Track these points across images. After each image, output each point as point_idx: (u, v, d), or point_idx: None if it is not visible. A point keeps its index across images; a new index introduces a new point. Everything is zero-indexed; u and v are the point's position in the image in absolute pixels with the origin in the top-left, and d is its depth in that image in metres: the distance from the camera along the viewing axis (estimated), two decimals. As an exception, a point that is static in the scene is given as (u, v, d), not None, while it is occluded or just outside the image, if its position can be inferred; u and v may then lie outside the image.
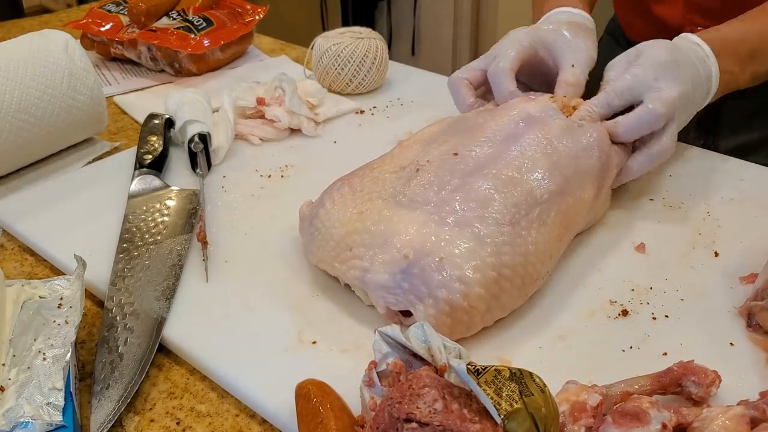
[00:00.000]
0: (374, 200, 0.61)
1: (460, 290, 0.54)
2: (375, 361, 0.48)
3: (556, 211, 0.61)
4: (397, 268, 0.56)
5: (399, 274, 0.56)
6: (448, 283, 0.54)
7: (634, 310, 0.60)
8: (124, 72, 1.14)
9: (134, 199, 0.74)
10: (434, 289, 0.54)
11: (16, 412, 0.48)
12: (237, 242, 0.70)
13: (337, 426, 0.45)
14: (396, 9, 2.97)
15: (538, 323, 0.59)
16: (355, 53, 0.99)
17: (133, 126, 0.97)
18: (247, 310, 0.61)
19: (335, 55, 0.99)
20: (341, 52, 0.99)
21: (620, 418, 0.45)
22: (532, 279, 0.58)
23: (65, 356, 0.52)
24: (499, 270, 0.56)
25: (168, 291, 0.62)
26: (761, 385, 0.52)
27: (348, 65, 0.99)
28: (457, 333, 0.55)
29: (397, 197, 0.61)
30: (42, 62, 0.80)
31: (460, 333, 0.56)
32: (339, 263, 0.60)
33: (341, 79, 1.00)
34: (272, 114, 0.90)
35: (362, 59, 0.99)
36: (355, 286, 0.60)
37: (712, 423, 0.45)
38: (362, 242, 0.59)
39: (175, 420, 0.53)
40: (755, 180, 0.77)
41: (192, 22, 1.11)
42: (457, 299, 0.54)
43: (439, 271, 0.55)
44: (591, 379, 0.50)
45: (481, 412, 0.43)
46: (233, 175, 0.81)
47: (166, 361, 0.58)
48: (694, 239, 0.69)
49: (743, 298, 0.60)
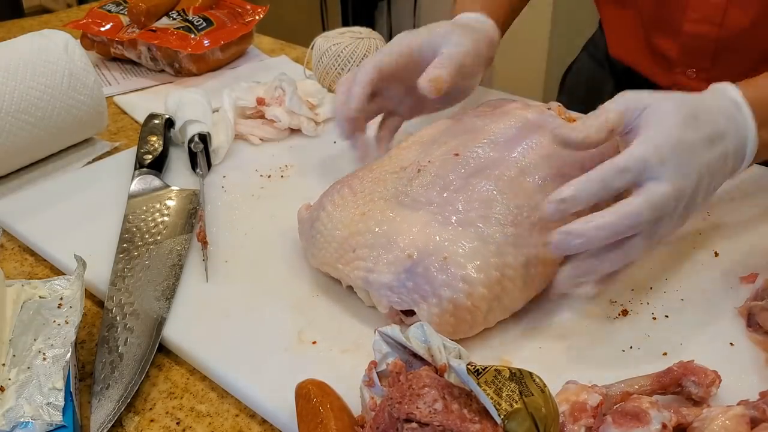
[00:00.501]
0: (376, 201, 0.61)
1: (464, 290, 0.54)
2: (375, 361, 0.48)
3: None
4: (401, 267, 0.56)
5: (403, 274, 0.56)
6: (451, 283, 0.54)
7: (634, 310, 0.60)
8: (124, 72, 1.14)
9: (134, 199, 0.74)
10: (438, 288, 0.54)
11: (16, 412, 0.48)
12: (237, 242, 0.70)
13: (337, 426, 0.45)
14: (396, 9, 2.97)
15: (538, 323, 0.59)
16: (355, 53, 0.98)
17: (133, 126, 0.97)
18: (247, 310, 0.61)
19: (335, 55, 0.99)
20: (341, 52, 0.99)
21: (620, 418, 0.45)
22: (533, 281, 0.58)
23: (65, 356, 0.52)
24: (502, 270, 0.56)
25: (168, 291, 0.62)
26: (761, 385, 0.52)
27: (348, 65, 0.99)
28: (459, 332, 0.55)
29: (399, 197, 0.61)
30: (42, 62, 0.80)
31: (463, 333, 0.56)
32: (342, 265, 0.60)
33: None
34: (272, 114, 0.90)
35: (362, 59, 0.99)
36: (357, 287, 0.60)
37: (712, 423, 0.45)
38: (365, 243, 0.59)
39: (175, 420, 0.53)
40: (755, 180, 0.77)
41: (192, 22, 1.11)
42: (460, 298, 0.54)
43: (443, 271, 0.55)
44: (591, 379, 0.50)
45: (481, 412, 0.43)
46: (233, 175, 0.81)
47: (166, 361, 0.58)
48: (694, 239, 0.69)
49: (743, 298, 0.60)
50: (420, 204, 0.60)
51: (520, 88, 1.20)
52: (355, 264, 0.59)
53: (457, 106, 0.82)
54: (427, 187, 0.61)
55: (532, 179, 0.62)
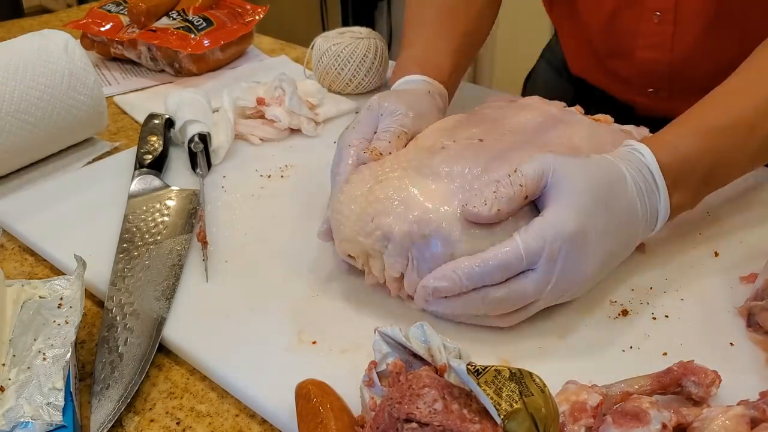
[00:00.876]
0: (395, 170, 0.59)
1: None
2: (375, 361, 0.48)
3: None
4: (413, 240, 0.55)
5: (414, 248, 0.56)
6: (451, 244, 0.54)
7: (634, 310, 0.60)
8: (124, 72, 1.14)
9: (134, 199, 0.74)
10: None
11: (16, 412, 0.48)
12: (237, 242, 0.70)
13: (337, 426, 0.45)
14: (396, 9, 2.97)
15: (538, 323, 0.59)
16: (354, 53, 0.98)
17: (133, 126, 0.97)
18: (247, 310, 0.61)
19: (335, 56, 0.99)
20: (341, 53, 0.99)
21: (620, 418, 0.45)
22: None
23: (65, 356, 0.52)
24: None
25: (168, 291, 0.62)
26: (761, 385, 0.52)
27: (348, 65, 0.99)
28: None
29: (420, 169, 0.59)
30: (42, 62, 0.80)
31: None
32: (363, 237, 0.58)
33: (341, 80, 1.00)
34: (272, 114, 0.90)
35: (362, 59, 0.99)
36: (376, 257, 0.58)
37: (712, 423, 0.45)
38: (384, 210, 0.57)
39: (175, 420, 0.53)
40: (755, 180, 0.77)
41: (192, 22, 1.11)
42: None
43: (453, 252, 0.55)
44: (591, 379, 0.50)
45: (481, 413, 0.43)
46: (233, 175, 0.81)
47: (166, 361, 0.58)
48: (694, 239, 0.69)
49: (743, 298, 0.60)
50: (440, 177, 0.58)
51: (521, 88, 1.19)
52: (376, 235, 0.57)
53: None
54: (450, 163, 0.59)
55: None
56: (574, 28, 0.96)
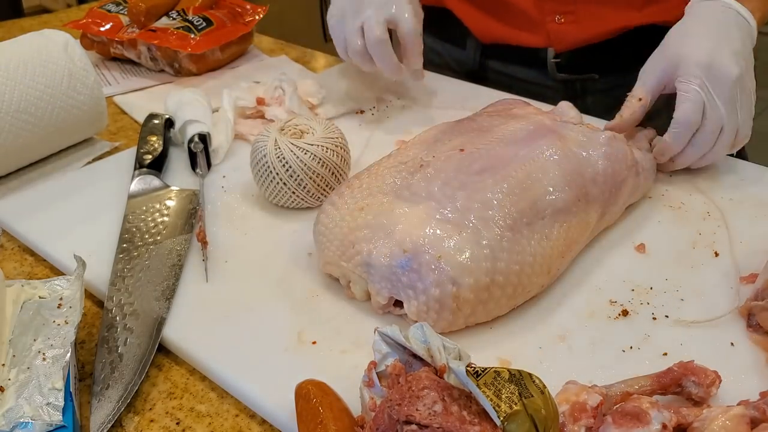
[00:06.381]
0: (375, 195, 0.61)
1: (452, 292, 0.55)
2: (375, 362, 0.48)
3: (563, 225, 0.61)
4: (396, 261, 0.56)
5: (398, 268, 0.56)
6: (442, 282, 0.55)
7: (634, 310, 0.60)
8: (124, 72, 1.14)
9: (134, 199, 0.74)
10: (429, 286, 0.55)
11: (16, 412, 0.48)
12: (237, 242, 0.70)
13: (337, 426, 0.45)
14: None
15: (538, 323, 0.59)
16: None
17: (133, 126, 0.97)
18: (246, 310, 0.61)
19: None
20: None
21: (620, 418, 0.45)
22: (525, 290, 0.58)
23: (65, 356, 0.52)
24: (493, 276, 0.56)
25: (168, 291, 0.62)
26: (761, 385, 0.52)
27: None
28: (437, 328, 0.56)
29: (398, 191, 0.61)
30: (42, 62, 0.80)
31: (441, 329, 0.56)
32: (345, 261, 0.60)
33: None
34: (272, 114, 0.89)
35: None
36: (357, 278, 0.60)
37: (712, 423, 0.45)
38: (364, 237, 0.59)
39: (175, 420, 0.53)
40: (755, 180, 0.77)
41: (192, 22, 1.11)
42: (447, 299, 0.55)
43: (435, 270, 0.55)
44: (591, 379, 0.50)
45: (480, 414, 0.43)
46: (233, 175, 0.81)
47: (166, 361, 0.58)
48: (694, 239, 0.69)
49: (743, 298, 0.60)
50: (420, 198, 0.60)
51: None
52: (356, 260, 0.59)
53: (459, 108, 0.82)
54: (429, 181, 0.60)
55: (540, 184, 0.61)
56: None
